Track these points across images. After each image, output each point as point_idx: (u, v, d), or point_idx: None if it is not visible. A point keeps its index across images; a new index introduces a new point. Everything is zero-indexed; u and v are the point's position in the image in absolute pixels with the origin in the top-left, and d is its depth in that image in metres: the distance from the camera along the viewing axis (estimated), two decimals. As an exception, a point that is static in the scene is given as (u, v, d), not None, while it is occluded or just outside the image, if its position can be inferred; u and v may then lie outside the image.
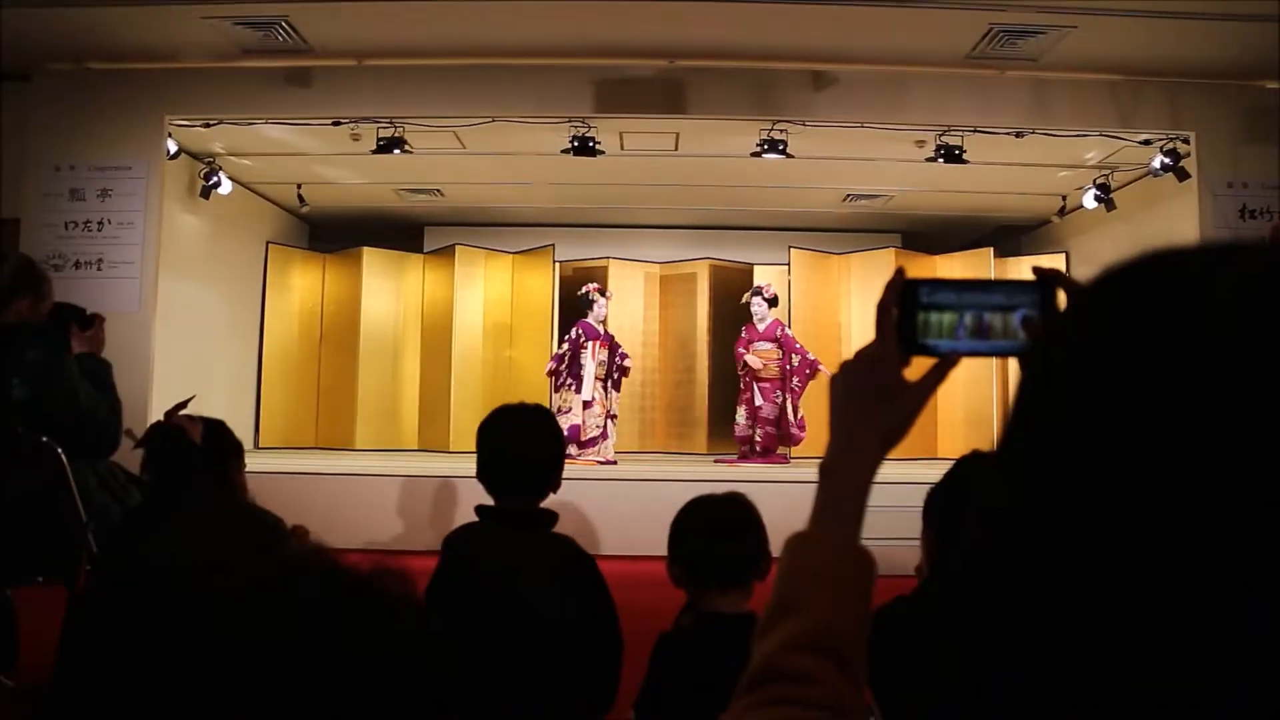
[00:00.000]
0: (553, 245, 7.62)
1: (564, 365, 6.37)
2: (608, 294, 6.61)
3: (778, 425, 6.32)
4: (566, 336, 6.49)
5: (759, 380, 6.41)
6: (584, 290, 6.54)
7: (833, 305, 7.61)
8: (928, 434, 6.91)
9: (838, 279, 7.65)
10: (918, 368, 0.68)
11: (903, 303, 0.67)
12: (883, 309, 0.68)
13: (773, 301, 6.53)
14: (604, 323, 6.55)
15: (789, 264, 7.43)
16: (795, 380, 6.30)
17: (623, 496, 5.18)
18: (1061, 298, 0.64)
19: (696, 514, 1.72)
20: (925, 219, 7.88)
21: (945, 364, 0.67)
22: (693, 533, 1.70)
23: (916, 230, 8.22)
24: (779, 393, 6.35)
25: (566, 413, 6.25)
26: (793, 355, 6.37)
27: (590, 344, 6.35)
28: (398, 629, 0.64)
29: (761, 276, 7.92)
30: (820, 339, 7.41)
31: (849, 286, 7.60)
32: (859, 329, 7.39)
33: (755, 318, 6.53)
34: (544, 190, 7.33)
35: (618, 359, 6.50)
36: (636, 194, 7.43)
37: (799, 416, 6.31)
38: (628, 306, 7.88)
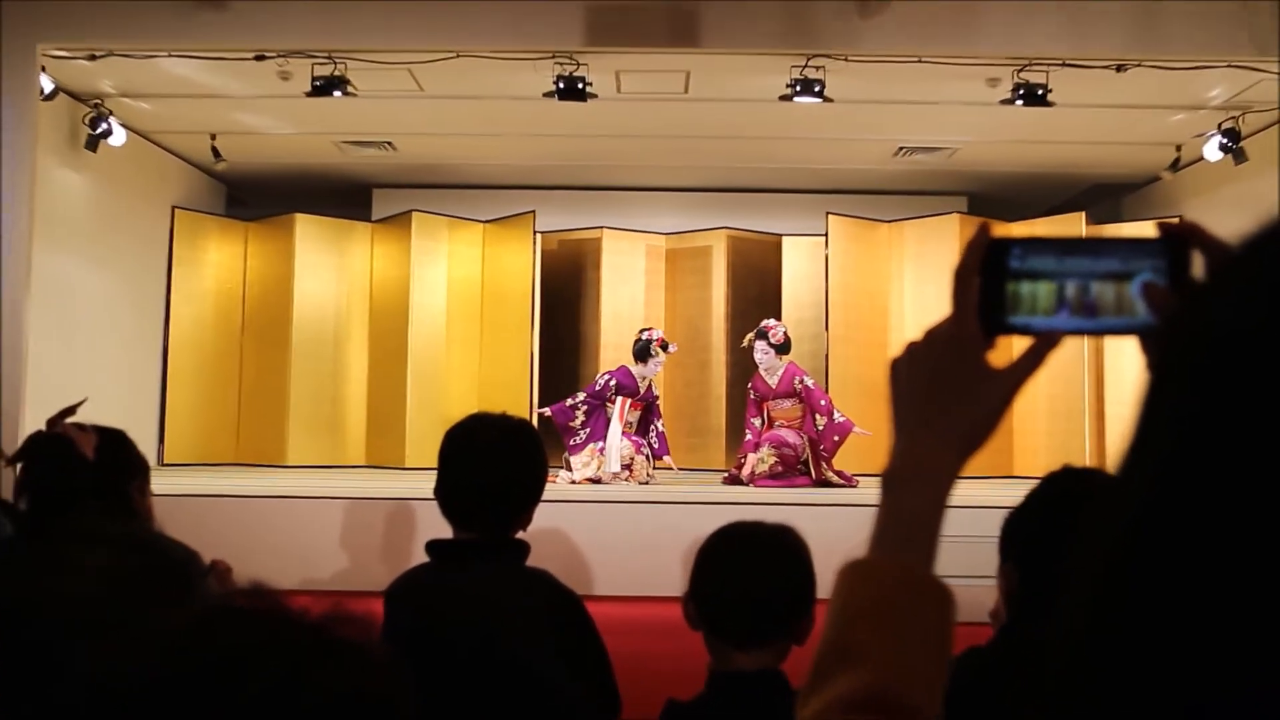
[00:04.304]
0: (533, 212, 7.62)
1: (579, 422, 6.28)
2: (671, 348, 6.50)
3: (799, 459, 6.20)
4: (592, 385, 6.42)
5: (775, 416, 6.36)
6: (644, 336, 6.40)
7: (881, 286, 7.61)
8: (1002, 446, 6.91)
9: (887, 252, 7.65)
10: (1003, 352, 0.68)
11: (987, 269, 0.66)
12: (962, 277, 0.67)
13: (783, 347, 6.33)
14: (648, 383, 6.45)
15: (826, 234, 7.43)
16: (823, 447, 6.14)
17: (619, 522, 5.14)
18: (1199, 262, 0.63)
19: (727, 545, 1.71)
20: (999, 177, 7.87)
21: (1041, 346, 0.67)
22: (717, 568, 1.68)
23: (987, 191, 8.22)
24: (803, 436, 6.24)
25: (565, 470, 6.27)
26: (816, 416, 6.19)
27: (622, 402, 6.33)
28: (358, 688, 0.64)
29: (794, 249, 7.90)
30: (865, 328, 7.41)
31: (901, 262, 7.61)
32: (915, 314, 7.39)
33: (761, 368, 6.35)
34: (522, 143, 7.31)
35: (654, 426, 6.47)
36: (637, 148, 7.42)
37: (832, 469, 6.16)
38: (625, 289, 7.89)
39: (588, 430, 6.29)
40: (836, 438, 6.14)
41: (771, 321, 6.47)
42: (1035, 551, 1.49)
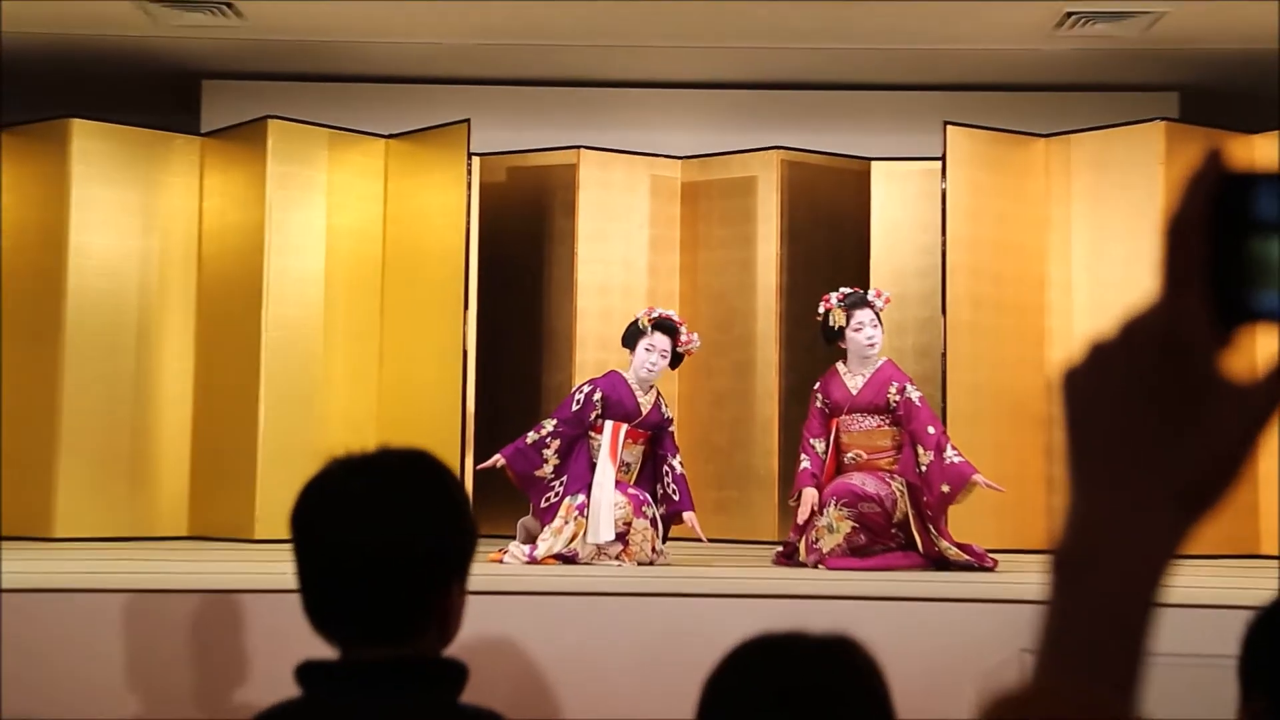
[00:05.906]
0: (467, 121, 7.75)
1: (550, 467, 6.41)
2: (687, 338, 6.58)
3: (892, 521, 6.32)
4: (564, 405, 6.60)
5: (849, 462, 6.48)
6: (640, 315, 6.60)
7: (1035, 240, 7.71)
8: (1245, 508, 6.91)
9: (1045, 186, 7.75)
10: (1248, 354, 0.70)
11: (1222, 220, 0.68)
12: (1179, 232, 0.69)
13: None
14: (654, 396, 6.63)
15: (944, 157, 7.51)
16: (926, 500, 6.23)
17: (606, 629, 5.20)
18: None
19: (753, 672, 1.74)
20: (1231, 60, 7.96)
21: None
22: (735, 708, 1.72)
23: (1212, 85, 8.36)
24: (893, 481, 6.35)
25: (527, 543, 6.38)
26: (919, 449, 6.27)
27: (614, 429, 6.44)
28: None
29: (890, 181, 7.96)
30: (1008, 310, 7.54)
31: (1068, 203, 7.68)
32: (1092, 289, 7.49)
33: (854, 349, 6.45)
34: (450, 11, 7.42)
35: (669, 466, 6.63)
36: (636, 18, 7.53)
37: (949, 538, 6.25)
38: (617, 245, 7.97)
39: (564, 480, 6.37)
40: (946, 487, 6.19)
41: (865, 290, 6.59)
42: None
